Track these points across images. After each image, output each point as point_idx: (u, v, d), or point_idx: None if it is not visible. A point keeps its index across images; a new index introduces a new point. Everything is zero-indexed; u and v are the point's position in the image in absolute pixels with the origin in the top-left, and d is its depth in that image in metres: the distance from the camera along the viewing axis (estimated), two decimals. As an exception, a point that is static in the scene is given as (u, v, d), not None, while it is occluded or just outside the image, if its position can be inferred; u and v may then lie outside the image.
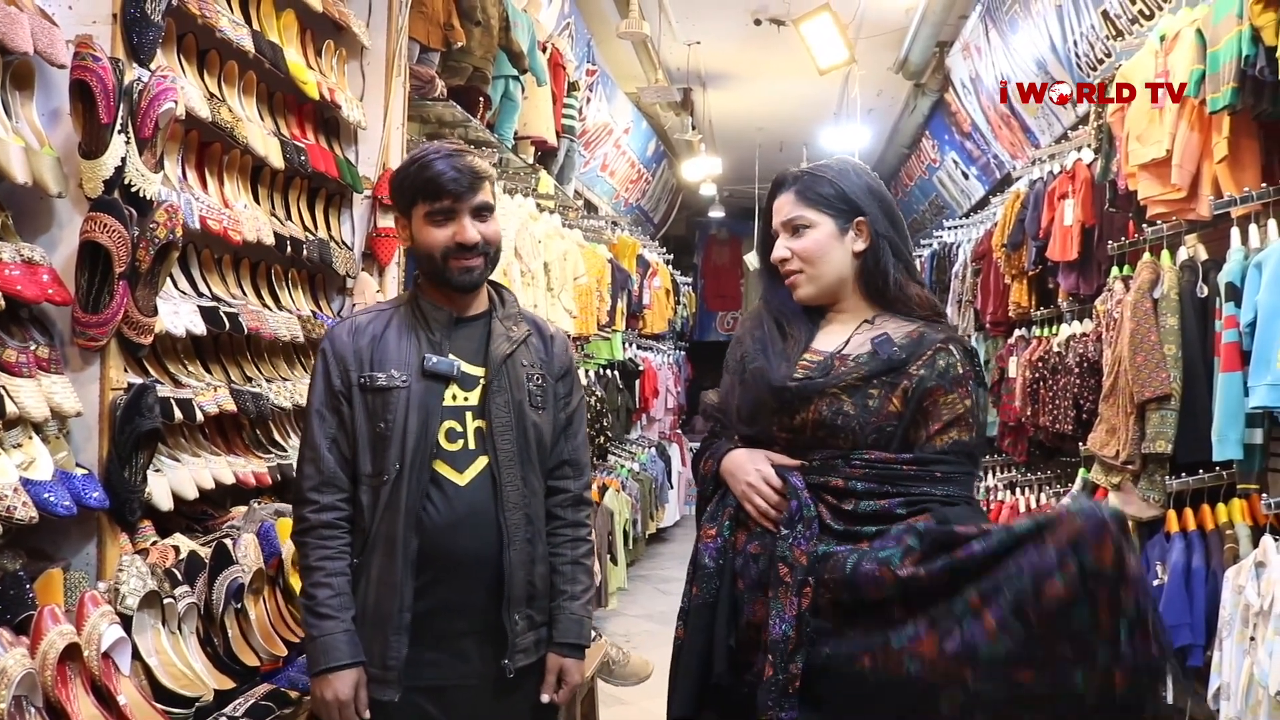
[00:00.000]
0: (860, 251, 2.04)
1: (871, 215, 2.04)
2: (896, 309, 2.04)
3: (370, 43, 3.78)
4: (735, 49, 8.85)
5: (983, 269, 6.73)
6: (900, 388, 1.93)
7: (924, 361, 1.94)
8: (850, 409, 1.93)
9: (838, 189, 2.04)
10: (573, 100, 6.18)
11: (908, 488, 1.89)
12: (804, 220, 2.05)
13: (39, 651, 1.92)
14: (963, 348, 1.99)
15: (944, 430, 1.92)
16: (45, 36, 2.29)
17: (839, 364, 1.97)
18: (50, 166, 2.32)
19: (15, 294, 2.18)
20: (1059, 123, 6.60)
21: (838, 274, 2.05)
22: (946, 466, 1.90)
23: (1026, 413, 5.40)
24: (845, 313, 2.08)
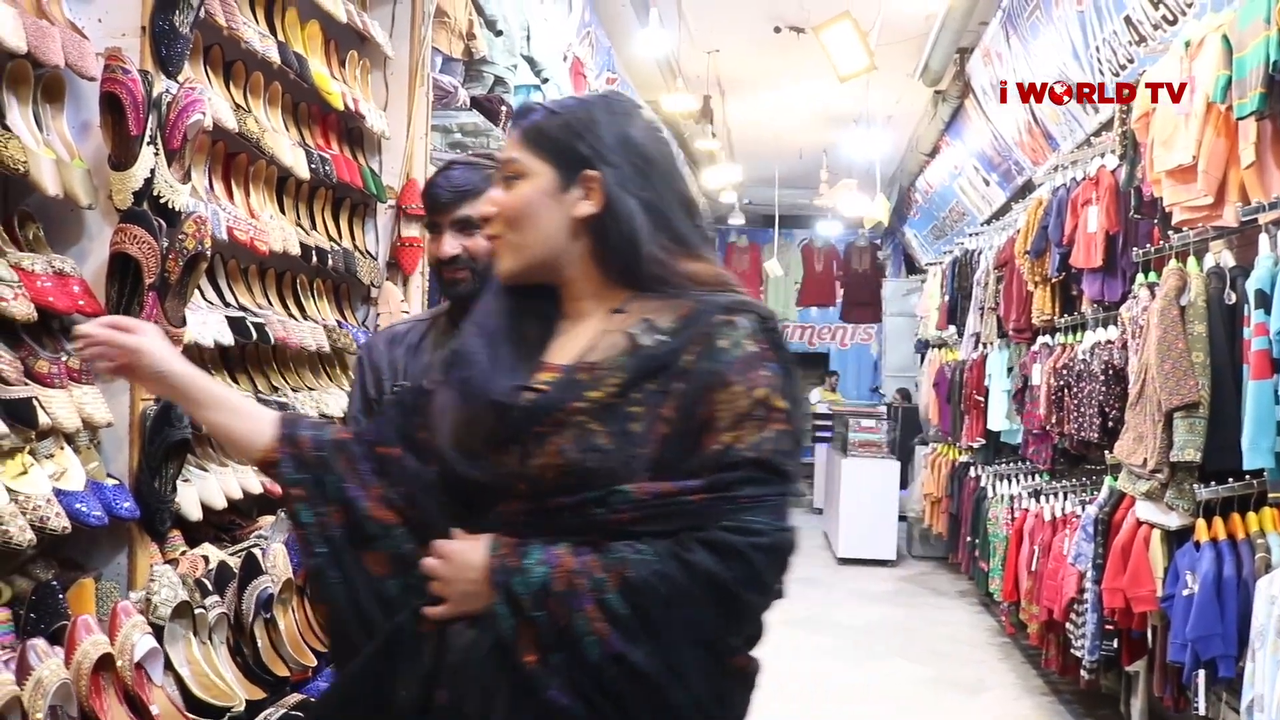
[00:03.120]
0: (586, 217, 1.49)
1: (614, 168, 1.48)
2: (662, 290, 1.49)
3: (394, 53, 3.80)
4: (755, 56, 8.86)
5: (1005, 276, 6.71)
6: (672, 394, 1.40)
7: (701, 345, 1.41)
8: (606, 441, 1.38)
9: (570, 130, 1.50)
10: (594, 109, 6.19)
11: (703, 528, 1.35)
12: (517, 166, 1.51)
13: (73, 661, 1.93)
14: (755, 315, 1.46)
15: (724, 436, 1.38)
16: (76, 49, 2.31)
17: (585, 376, 1.43)
18: (81, 178, 2.33)
19: (47, 305, 2.20)
20: (1081, 129, 6.57)
21: (548, 244, 1.50)
22: (753, 488, 1.37)
23: (1051, 420, 5.37)
24: (585, 300, 1.53)
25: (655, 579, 1.33)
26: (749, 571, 1.35)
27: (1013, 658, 6.44)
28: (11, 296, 2.09)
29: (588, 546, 1.36)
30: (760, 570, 1.36)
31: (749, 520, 1.35)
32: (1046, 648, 5.37)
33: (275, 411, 1.63)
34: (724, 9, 7.84)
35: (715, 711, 1.38)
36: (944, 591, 8.44)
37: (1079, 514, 5.05)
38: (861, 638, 6.92)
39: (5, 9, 2.12)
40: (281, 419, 1.60)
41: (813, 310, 15.88)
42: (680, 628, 1.34)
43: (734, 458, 1.37)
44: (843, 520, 9.52)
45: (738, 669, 1.42)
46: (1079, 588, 4.66)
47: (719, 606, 1.35)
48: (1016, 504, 6.20)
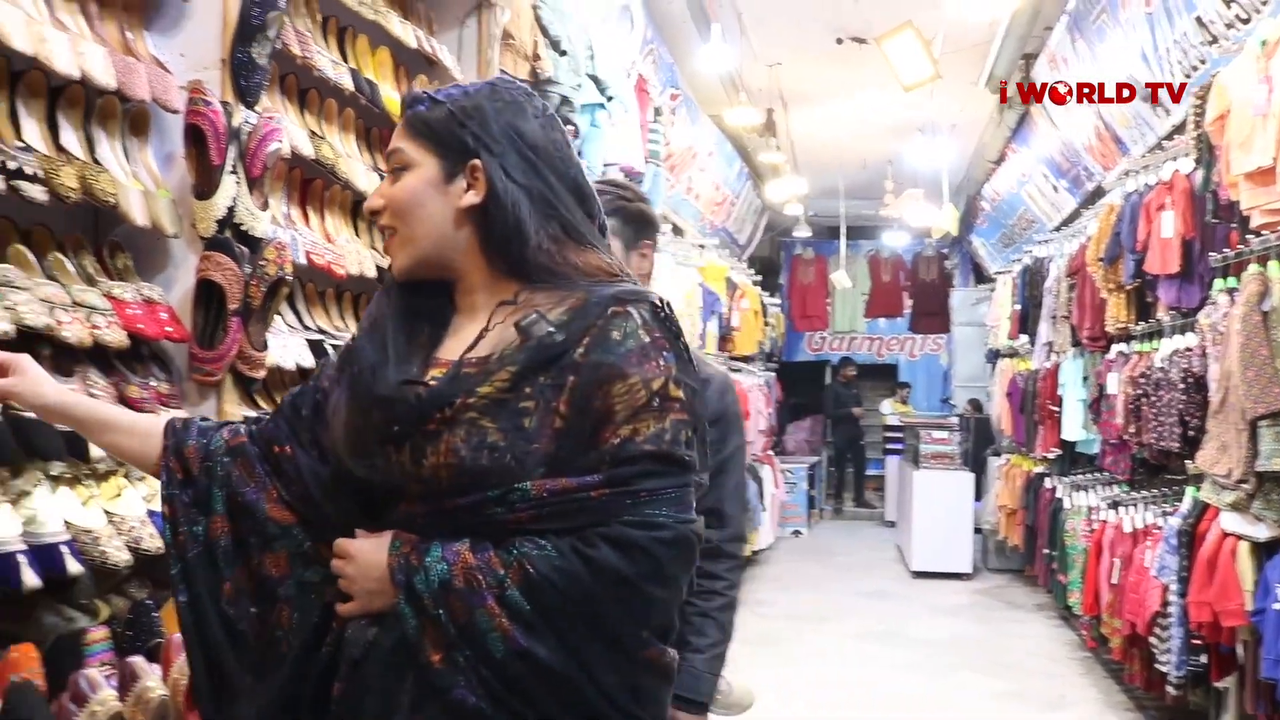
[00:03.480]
0: (472, 207, 1.47)
1: (497, 157, 1.46)
2: (552, 281, 1.46)
3: (461, 76, 3.85)
4: (817, 68, 8.84)
5: (1078, 284, 6.62)
6: (566, 387, 1.37)
7: (593, 338, 1.38)
8: (498, 439, 1.36)
9: (453, 118, 1.48)
10: (658, 126, 6.23)
11: (604, 523, 1.34)
12: (403, 158, 1.50)
13: (170, 678, 1.98)
14: (648, 305, 1.43)
15: (622, 429, 1.36)
16: (160, 84, 2.38)
17: (474, 371, 1.40)
18: (166, 208, 2.40)
19: (138, 332, 2.27)
20: (1152, 132, 6.47)
21: (436, 236, 1.49)
22: (653, 480, 1.36)
23: (1129, 430, 5.28)
24: (476, 293, 1.51)
25: (557, 575, 1.32)
26: (652, 565, 1.34)
27: (1094, 673, 6.32)
28: (105, 324, 2.16)
29: (489, 544, 1.36)
30: (664, 563, 1.35)
31: (650, 514, 1.35)
32: (1130, 663, 5.26)
33: (162, 421, 1.66)
34: (785, 22, 7.84)
35: (629, 705, 1.37)
36: (1021, 605, 8.31)
37: (1160, 525, 4.96)
38: (938, 652, 6.83)
39: (95, 48, 2.20)
40: (167, 429, 1.62)
41: (881, 321, 15.74)
42: (585, 623, 1.33)
43: (632, 451, 1.36)
44: (916, 533, 9.42)
45: (650, 662, 1.39)
46: (1163, 601, 4.56)
47: (623, 601, 1.34)
48: (1094, 515, 6.09)
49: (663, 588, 1.37)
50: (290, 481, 1.54)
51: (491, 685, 1.32)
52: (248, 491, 1.54)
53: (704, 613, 2.26)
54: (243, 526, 1.53)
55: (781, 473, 11.19)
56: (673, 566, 1.37)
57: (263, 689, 1.49)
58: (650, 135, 6.08)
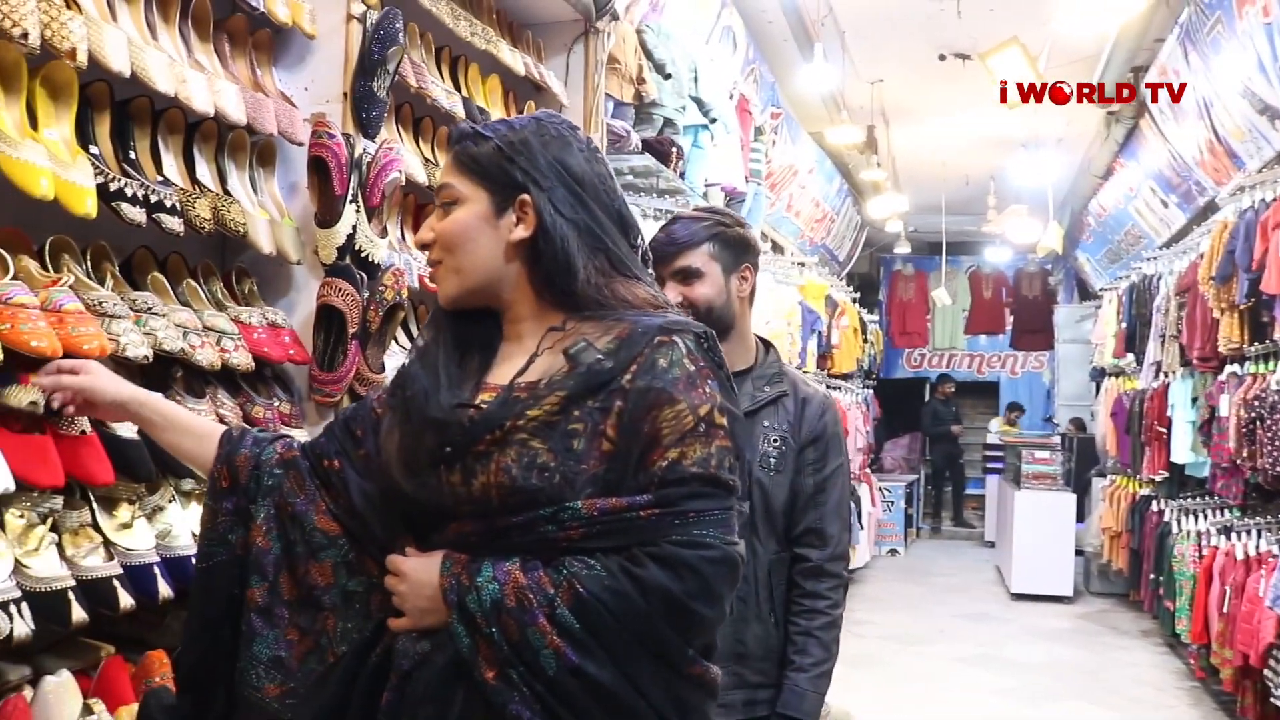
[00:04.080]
0: (521, 241, 1.51)
1: (546, 192, 1.50)
2: (598, 312, 1.50)
3: (568, 101, 3.93)
4: (919, 85, 8.78)
5: (1188, 302, 6.46)
6: (613, 412, 1.41)
7: (640, 365, 1.43)
8: (548, 459, 1.40)
9: (501, 154, 1.52)
10: (759, 145, 6.26)
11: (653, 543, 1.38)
12: (452, 192, 1.54)
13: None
14: (692, 335, 1.48)
15: (670, 453, 1.40)
16: (286, 117, 2.50)
17: (524, 394, 1.45)
18: (290, 236, 2.51)
19: (263, 355, 2.38)
20: (1269, 145, 6.30)
21: (486, 270, 1.53)
22: (700, 502, 1.39)
23: (1242, 454, 5.14)
24: (524, 322, 1.55)
25: (606, 594, 1.35)
26: (700, 584, 1.37)
27: (1203, 704, 6.14)
28: (233, 348, 2.27)
29: (539, 562, 1.39)
30: (710, 582, 1.38)
31: (698, 534, 1.38)
32: (1242, 695, 5.12)
33: (222, 428, 1.73)
34: (888, 39, 7.81)
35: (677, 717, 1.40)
36: (1125, 630, 8.11)
37: (1275, 553, 4.82)
38: (1039, 677, 6.71)
39: (228, 86, 2.31)
40: (223, 438, 1.68)
41: (981, 338, 15.51)
42: (633, 640, 1.36)
43: (680, 473, 1.39)
44: (1016, 554, 9.26)
45: (695, 678, 1.42)
46: (1278, 632, 4.44)
47: (671, 619, 1.37)
48: (1205, 541, 5.94)
49: (709, 606, 1.39)
50: (337, 495, 1.60)
51: (546, 701, 1.35)
52: (297, 502, 1.60)
53: (807, 631, 2.28)
54: (291, 535, 1.59)
55: (879, 491, 11.09)
56: (719, 585, 1.40)
57: (312, 695, 1.54)
58: (752, 154, 6.12)
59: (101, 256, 2.17)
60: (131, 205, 2.07)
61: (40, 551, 1.81)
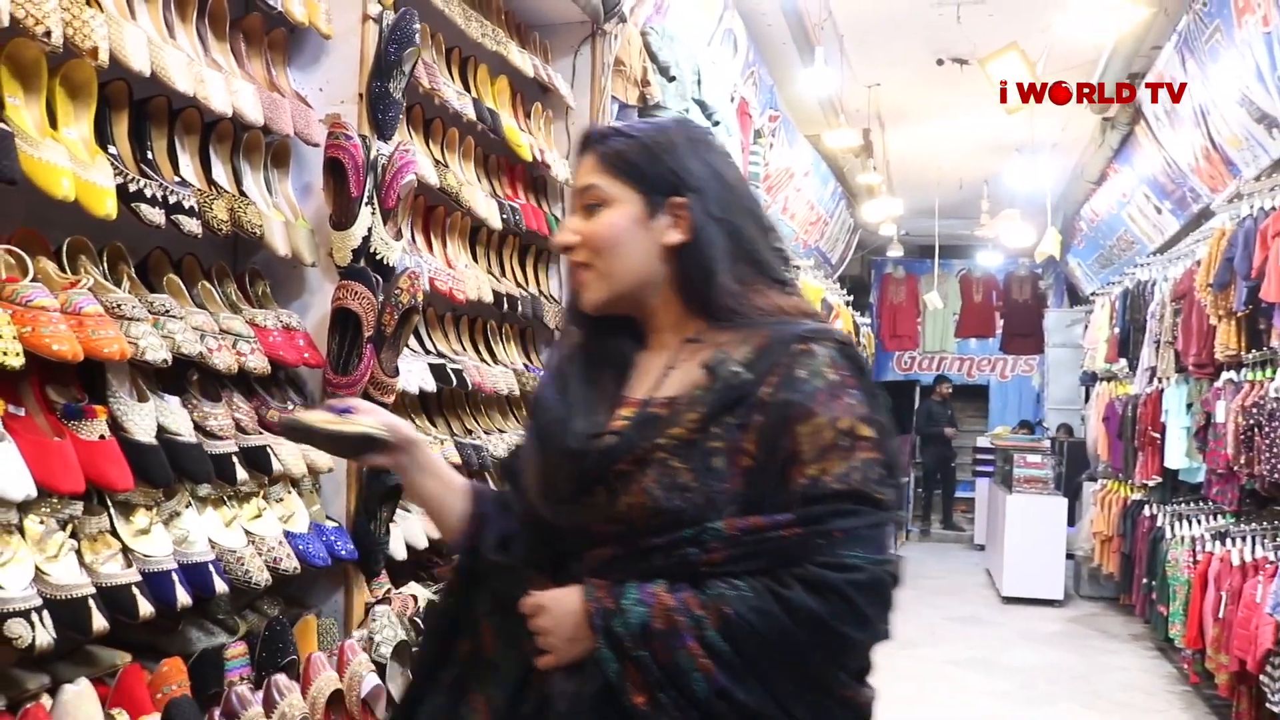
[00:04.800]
0: (674, 245, 1.48)
1: (699, 194, 1.47)
2: (735, 320, 1.46)
3: (575, 102, 3.92)
4: (916, 89, 8.78)
5: (1184, 309, 6.48)
6: (753, 427, 1.37)
7: (780, 376, 1.38)
8: (689, 479, 1.36)
9: (653, 156, 1.48)
10: (758, 148, 6.25)
11: (798, 564, 1.33)
12: (600, 193, 1.49)
13: (309, 696, 2.05)
14: (834, 343, 1.42)
15: (810, 469, 1.35)
16: (302, 118, 2.48)
17: (662, 411, 1.41)
18: (305, 238, 2.49)
19: (278, 358, 2.35)
20: (1265, 154, 6.32)
21: (637, 273, 1.49)
22: (845, 520, 1.34)
23: (1240, 460, 5.15)
24: (663, 331, 1.52)
25: (754, 616, 1.31)
26: (847, 608, 1.32)
27: (1196, 708, 6.16)
28: (249, 351, 2.25)
29: (685, 584, 1.34)
30: (858, 606, 1.32)
31: (844, 555, 1.32)
32: (1238, 700, 5.13)
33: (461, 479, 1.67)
34: (887, 43, 7.80)
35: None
36: (1116, 634, 8.13)
37: (1271, 559, 4.83)
38: (1032, 681, 6.71)
39: (245, 86, 2.29)
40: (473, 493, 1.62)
41: (971, 341, 15.55)
42: (782, 663, 1.33)
43: (823, 490, 1.34)
44: (1007, 557, 9.27)
45: (847, 700, 1.38)
46: (1276, 639, 4.45)
47: (819, 642, 1.33)
48: (1199, 546, 5.95)
49: (858, 629, 1.34)
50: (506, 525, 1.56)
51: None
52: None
53: None
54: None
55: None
56: (868, 608, 1.34)
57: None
58: (751, 157, 6.11)
59: (118, 258, 2.14)
60: (151, 206, 2.05)
61: (60, 558, 1.79)
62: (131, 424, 1.97)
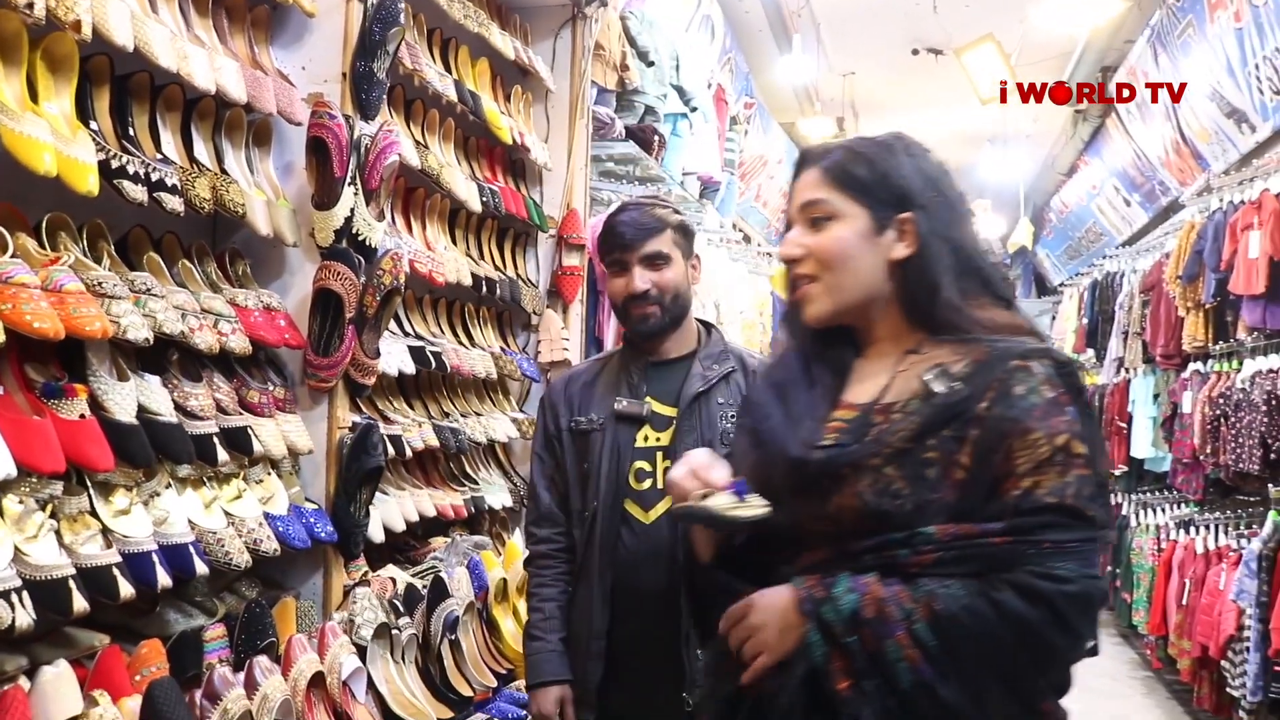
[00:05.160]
0: (900, 259, 1.50)
1: (924, 210, 1.49)
2: (955, 334, 1.49)
3: (555, 86, 3.90)
4: (891, 79, 8.82)
5: (1152, 300, 6.53)
6: (969, 441, 1.39)
7: (996, 392, 1.40)
8: (902, 486, 1.39)
9: (879, 171, 1.51)
10: (734, 135, 6.25)
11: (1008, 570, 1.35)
12: (827, 208, 1.51)
13: (290, 678, 2.04)
14: (1052, 361, 1.44)
15: (1024, 482, 1.37)
16: (285, 97, 2.45)
17: (880, 419, 1.45)
18: (287, 218, 2.47)
19: (259, 339, 2.33)
20: (1235, 149, 6.39)
21: (863, 287, 1.51)
22: (1056, 533, 1.34)
23: (1205, 450, 5.22)
24: (882, 341, 1.54)
25: (964, 614, 1.33)
26: (1056, 618, 1.33)
27: (1157, 693, 6.25)
28: (230, 331, 2.22)
29: (895, 579, 1.37)
30: (1068, 618, 1.33)
31: (1054, 566, 1.33)
32: (1199, 685, 5.20)
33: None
34: (863, 32, 7.82)
35: None
36: (1081, 621, 8.22)
37: (1234, 547, 4.90)
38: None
39: (229, 63, 2.26)
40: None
41: (939, 330, 15.61)
42: (986, 665, 1.34)
43: (1035, 503, 1.35)
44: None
45: (1044, 714, 1.40)
46: (1239, 625, 4.52)
47: (1025, 648, 1.34)
48: (1164, 534, 6.02)
49: (1065, 639, 1.35)
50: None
51: (895, 716, 1.34)
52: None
53: None
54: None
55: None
56: (1075, 620, 1.35)
57: None
58: (726, 144, 6.11)
59: (98, 235, 2.12)
60: (133, 183, 2.02)
61: (39, 538, 1.77)
62: (112, 403, 1.95)
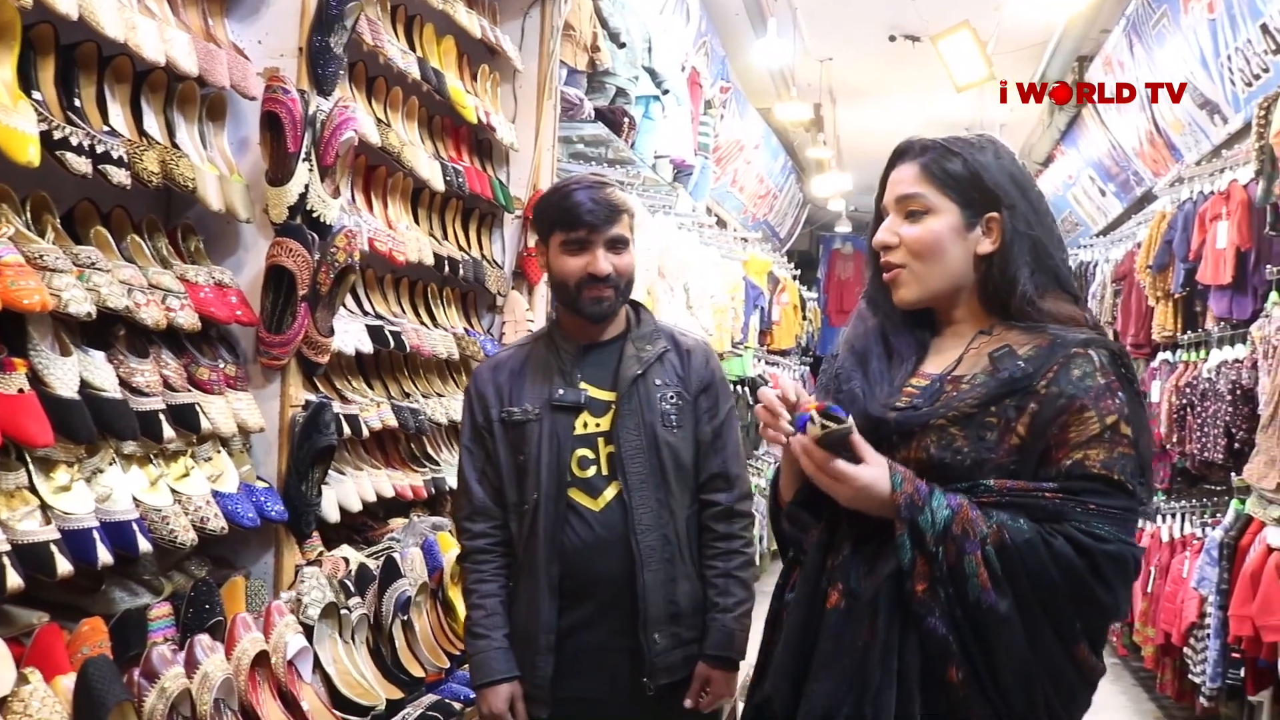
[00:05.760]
0: (985, 254, 1.66)
1: (1010, 210, 1.65)
2: (1024, 321, 1.66)
3: (523, 66, 3.87)
4: (868, 65, 8.80)
5: (1124, 290, 6.56)
6: (1027, 412, 1.57)
7: (1055, 373, 1.57)
8: (963, 444, 1.58)
9: (972, 170, 1.66)
10: (708, 119, 6.23)
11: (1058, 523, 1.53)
12: (923, 202, 1.67)
13: (234, 657, 2.02)
14: (1107, 351, 1.61)
15: (1074, 453, 1.55)
16: (239, 71, 2.42)
17: (950, 388, 1.63)
18: (240, 193, 2.44)
19: (209, 315, 2.30)
20: (1207, 140, 6.40)
21: (950, 278, 1.68)
22: (1100, 498, 1.52)
23: (1172, 439, 5.24)
24: (959, 323, 1.72)
25: (1025, 547, 1.51)
26: (1096, 571, 1.51)
27: (1123, 680, 6.29)
28: (179, 307, 2.20)
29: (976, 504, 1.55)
30: (1106, 573, 1.52)
31: (1096, 526, 1.52)
32: (1162, 672, 5.24)
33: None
34: (840, 18, 7.80)
35: (1049, 690, 1.54)
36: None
37: (1199, 536, 4.93)
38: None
39: (180, 35, 2.23)
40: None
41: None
42: (1036, 596, 1.51)
43: (1083, 471, 1.54)
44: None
45: (1078, 659, 1.56)
46: (1200, 612, 4.54)
47: (1071, 590, 1.51)
48: (1131, 524, 6.04)
49: (1105, 591, 1.53)
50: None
51: (959, 623, 1.52)
52: None
53: (726, 573, 2.34)
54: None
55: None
56: (1113, 577, 1.53)
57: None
58: (700, 128, 6.08)
59: (42, 208, 2.08)
60: (76, 155, 1.99)
61: (-26, 513, 1.74)
62: (53, 378, 1.92)
